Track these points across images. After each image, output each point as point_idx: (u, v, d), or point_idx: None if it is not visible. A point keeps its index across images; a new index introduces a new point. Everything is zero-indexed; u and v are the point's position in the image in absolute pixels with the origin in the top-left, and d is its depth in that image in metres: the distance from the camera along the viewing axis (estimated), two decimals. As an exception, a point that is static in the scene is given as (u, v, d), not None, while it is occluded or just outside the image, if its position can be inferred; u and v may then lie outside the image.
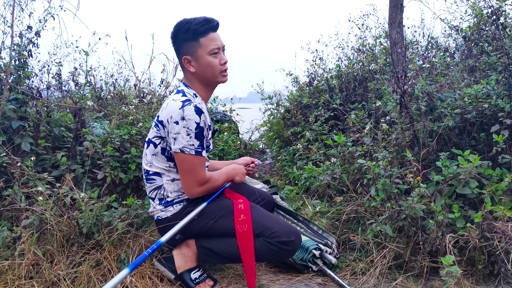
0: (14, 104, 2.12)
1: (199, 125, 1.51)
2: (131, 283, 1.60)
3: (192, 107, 1.51)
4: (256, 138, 4.68)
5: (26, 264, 1.61)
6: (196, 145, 1.52)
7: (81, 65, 3.57)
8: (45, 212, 1.72)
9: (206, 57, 1.60)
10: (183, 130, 1.50)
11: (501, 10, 2.51)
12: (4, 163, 1.95)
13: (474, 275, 1.66)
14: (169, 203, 1.65)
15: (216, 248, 1.62)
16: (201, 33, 1.58)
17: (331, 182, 2.44)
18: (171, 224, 1.60)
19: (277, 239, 1.54)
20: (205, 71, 1.63)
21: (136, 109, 2.84)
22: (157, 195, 1.66)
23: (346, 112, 3.06)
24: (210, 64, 1.61)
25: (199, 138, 1.53)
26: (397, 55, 2.82)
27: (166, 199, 1.65)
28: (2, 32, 2.36)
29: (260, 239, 1.57)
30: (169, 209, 1.64)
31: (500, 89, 2.09)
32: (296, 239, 1.59)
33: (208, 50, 1.60)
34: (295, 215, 2.08)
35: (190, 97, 1.59)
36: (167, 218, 1.64)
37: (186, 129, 1.50)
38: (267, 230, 1.56)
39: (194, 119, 1.50)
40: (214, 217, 1.61)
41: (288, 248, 1.57)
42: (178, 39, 1.63)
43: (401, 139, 2.16)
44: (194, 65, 1.62)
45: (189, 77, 1.68)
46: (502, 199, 1.75)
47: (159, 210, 1.66)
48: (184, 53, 1.62)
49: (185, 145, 1.51)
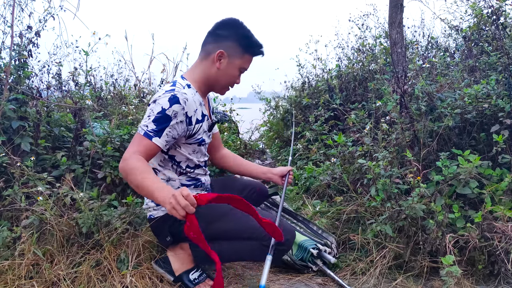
0: (14, 104, 2.12)
1: (165, 111, 1.47)
2: (131, 283, 1.60)
3: (169, 95, 1.49)
4: (256, 138, 4.68)
5: (26, 264, 1.60)
6: (150, 128, 1.47)
7: (81, 65, 3.58)
8: (45, 212, 1.72)
9: (235, 68, 1.65)
10: (148, 111, 1.50)
11: (501, 10, 2.51)
12: (4, 163, 1.94)
13: (474, 275, 1.66)
14: None
15: None
16: (251, 52, 1.66)
17: (331, 182, 2.44)
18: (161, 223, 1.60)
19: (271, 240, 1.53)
20: (223, 76, 1.65)
21: (136, 109, 2.84)
22: None
23: (346, 112, 3.06)
24: (231, 76, 1.66)
25: (157, 123, 1.47)
26: (397, 55, 2.82)
27: None
28: (2, 32, 2.37)
29: (253, 242, 1.56)
30: (161, 208, 1.63)
31: (500, 89, 2.09)
32: (291, 238, 1.59)
33: (241, 66, 1.66)
34: (294, 215, 2.08)
35: (178, 87, 1.56)
36: (158, 217, 1.63)
37: (150, 111, 1.49)
38: (261, 232, 1.53)
39: (162, 105, 1.47)
40: (208, 220, 1.59)
41: (282, 247, 1.57)
42: (231, 34, 1.62)
43: (401, 139, 2.16)
44: (223, 63, 1.62)
45: (200, 68, 1.65)
46: (502, 199, 1.75)
47: (151, 208, 1.66)
48: (225, 49, 1.61)
49: (141, 124, 1.50)
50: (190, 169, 1.68)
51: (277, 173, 1.92)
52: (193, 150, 1.67)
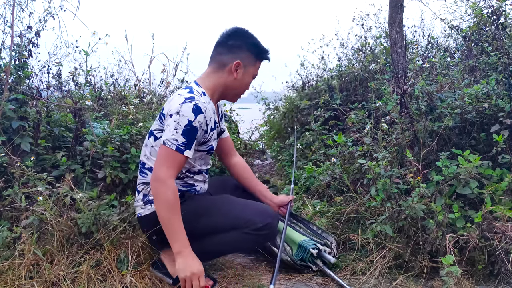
0: (14, 104, 2.12)
1: (192, 123, 1.49)
2: (131, 283, 1.60)
3: (191, 105, 1.50)
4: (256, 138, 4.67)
5: (26, 264, 1.60)
6: (180, 142, 1.49)
7: (81, 65, 3.57)
8: (45, 212, 1.72)
9: (250, 76, 1.72)
10: (173, 123, 1.49)
11: (501, 10, 2.51)
12: (4, 163, 1.95)
13: (474, 275, 1.66)
14: (150, 202, 1.64)
15: (203, 248, 1.61)
16: (261, 58, 1.73)
17: (331, 182, 2.44)
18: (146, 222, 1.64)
19: (253, 227, 1.55)
20: (240, 85, 1.70)
21: (136, 109, 2.83)
22: (143, 189, 1.67)
23: (346, 112, 3.06)
24: (247, 84, 1.73)
25: (186, 136, 1.49)
26: (397, 55, 2.82)
27: (148, 197, 1.65)
28: (2, 32, 2.37)
29: (236, 232, 1.57)
30: (147, 207, 1.64)
31: (500, 89, 2.09)
32: (272, 221, 1.59)
33: (254, 73, 1.73)
34: (294, 215, 2.08)
35: (196, 94, 1.56)
36: (146, 216, 1.64)
37: (175, 123, 1.48)
38: (241, 221, 1.56)
39: (188, 117, 1.48)
40: (192, 219, 1.58)
41: (265, 232, 1.57)
42: (243, 44, 1.66)
43: (401, 139, 2.16)
44: (239, 73, 1.66)
45: (215, 78, 1.67)
46: (502, 199, 1.75)
47: (139, 206, 1.67)
48: (241, 59, 1.65)
49: (169, 138, 1.49)
50: (190, 174, 1.69)
51: (276, 203, 1.92)
52: (200, 157, 1.69)
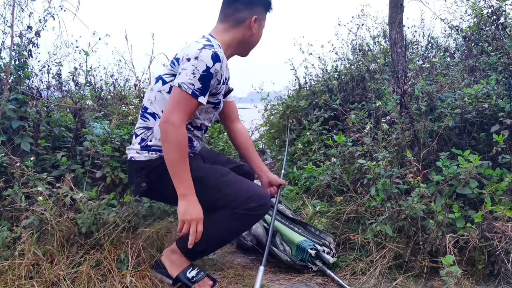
0: (14, 104, 2.12)
1: (209, 70, 1.46)
2: (131, 283, 1.60)
3: (211, 51, 1.47)
4: (256, 138, 4.68)
5: (26, 264, 1.60)
6: (196, 87, 1.45)
7: (81, 65, 3.57)
8: (45, 212, 1.72)
9: (262, 29, 1.71)
10: (191, 67, 1.46)
11: (501, 10, 2.51)
12: (4, 163, 1.95)
13: (474, 275, 1.66)
14: (147, 148, 1.60)
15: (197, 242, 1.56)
16: (268, 10, 1.72)
17: (331, 182, 2.44)
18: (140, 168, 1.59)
19: (245, 206, 1.52)
20: (256, 39, 1.71)
21: (136, 109, 2.83)
22: (142, 134, 1.63)
23: (346, 112, 3.06)
24: (260, 37, 1.71)
25: (203, 82, 1.46)
26: (397, 55, 2.82)
27: (147, 142, 1.61)
28: (2, 32, 2.37)
29: (225, 211, 1.54)
30: (143, 153, 1.60)
31: (500, 89, 2.09)
32: (266, 202, 1.57)
33: (264, 25, 1.72)
34: (292, 219, 2.07)
35: (214, 43, 1.54)
36: (140, 162, 1.60)
37: (193, 68, 1.45)
38: (234, 198, 1.53)
39: (207, 62, 1.46)
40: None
41: (257, 212, 1.55)
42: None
43: (401, 139, 2.16)
44: (255, 27, 1.66)
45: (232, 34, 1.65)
46: (502, 199, 1.75)
47: (134, 150, 1.62)
48: (257, 14, 1.65)
49: (185, 81, 1.45)
50: (191, 127, 1.66)
51: (270, 178, 1.91)
52: (206, 110, 1.65)
